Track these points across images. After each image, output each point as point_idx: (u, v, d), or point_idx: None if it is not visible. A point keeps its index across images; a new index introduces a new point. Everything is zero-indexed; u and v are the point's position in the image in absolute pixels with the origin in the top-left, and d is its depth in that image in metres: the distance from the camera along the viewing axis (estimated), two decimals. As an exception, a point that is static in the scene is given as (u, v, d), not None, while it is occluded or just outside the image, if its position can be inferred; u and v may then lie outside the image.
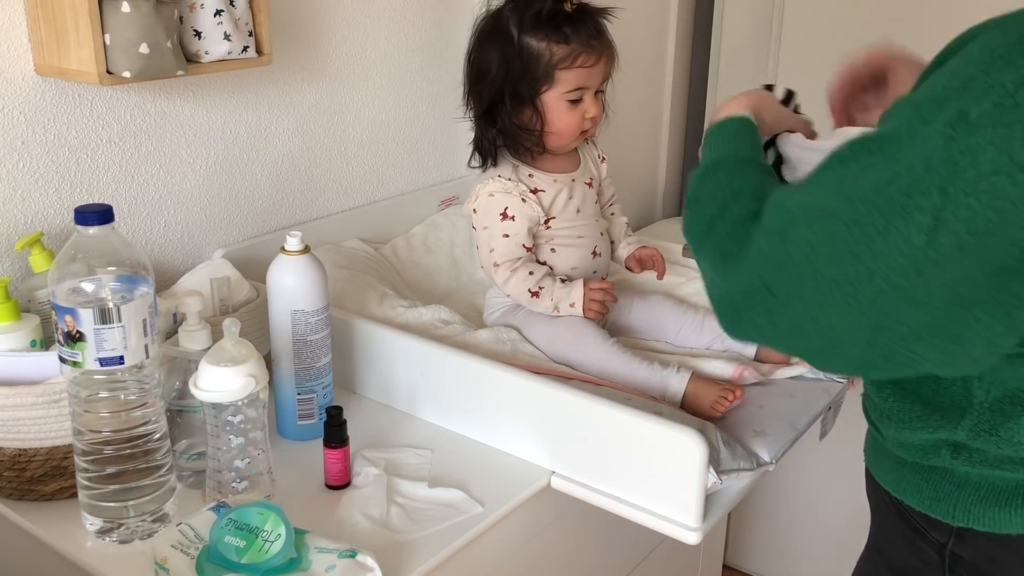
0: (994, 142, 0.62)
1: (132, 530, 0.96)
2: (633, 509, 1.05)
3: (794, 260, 0.71)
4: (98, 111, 1.23)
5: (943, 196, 0.64)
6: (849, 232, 0.68)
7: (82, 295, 0.91)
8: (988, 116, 0.63)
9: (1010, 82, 0.62)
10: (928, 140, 0.65)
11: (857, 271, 0.68)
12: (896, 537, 0.92)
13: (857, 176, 0.69)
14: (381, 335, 1.23)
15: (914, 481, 0.87)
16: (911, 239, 0.65)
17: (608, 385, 1.19)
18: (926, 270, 0.66)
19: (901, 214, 0.66)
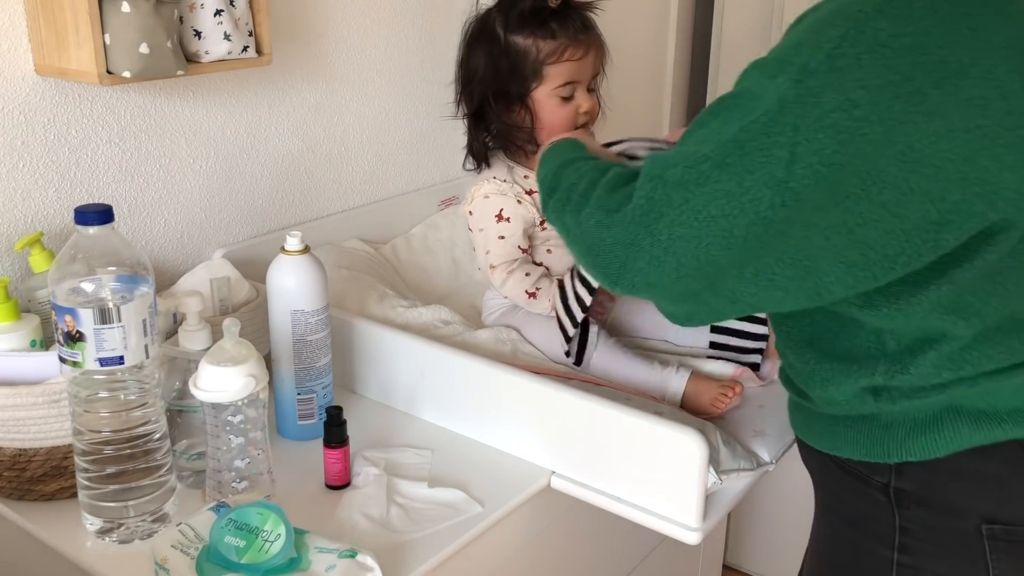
0: (831, 84, 0.74)
1: (132, 530, 0.96)
2: (633, 509, 1.05)
3: (674, 203, 0.80)
4: (98, 111, 1.23)
5: (796, 131, 0.74)
6: (721, 172, 0.77)
7: (82, 295, 0.91)
8: (823, 64, 0.74)
9: (835, 36, 0.75)
10: (778, 89, 0.76)
11: (732, 206, 0.77)
12: (843, 492, 0.98)
13: (722, 126, 0.79)
14: (381, 335, 1.23)
15: (847, 435, 0.94)
16: (774, 172, 0.75)
17: (608, 385, 1.19)
18: (788, 200, 0.75)
19: (764, 151, 0.76)
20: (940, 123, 0.73)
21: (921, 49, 0.73)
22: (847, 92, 0.73)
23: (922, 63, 0.73)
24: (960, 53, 0.73)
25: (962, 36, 0.74)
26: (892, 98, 0.73)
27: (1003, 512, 0.88)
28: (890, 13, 0.74)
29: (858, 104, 0.73)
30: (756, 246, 0.78)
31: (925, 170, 0.74)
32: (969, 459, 0.88)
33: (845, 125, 0.73)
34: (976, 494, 0.89)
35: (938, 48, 0.73)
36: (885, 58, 0.73)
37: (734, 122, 0.78)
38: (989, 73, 0.74)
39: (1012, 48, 0.75)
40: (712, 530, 1.03)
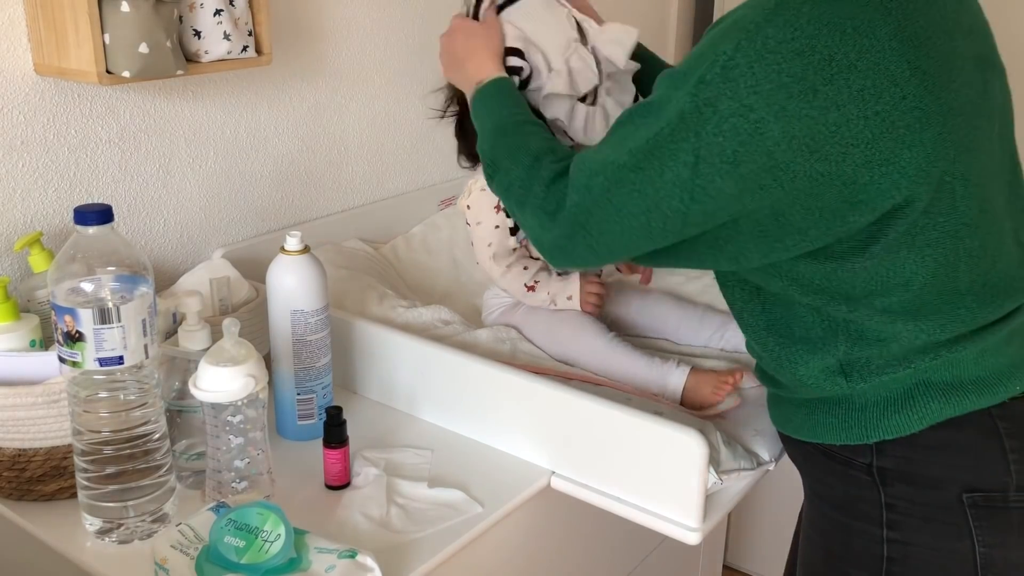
0: (726, 93, 0.82)
1: (132, 530, 0.96)
2: (633, 509, 1.05)
3: (599, 204, 0.91)
4: (98, 111, 1.23)
5: (698, 138, 0.84)
6: (635, 175, 0.88)
7: (82, 295, 0.91)
8: (718, 76, 0.83)
9: (729, 49, 0.83)
10: (680, 100, 0.85)
11: (647, 204, 0.88)
12: (828, 477, 1.01)
13: (633, 133, 0.89)
14: (381, 335, 1.23)
15: (825, 420, 0.98)
16: (680, 173, 0.85)
17: (608, 384, 1.19)
18: (697, 195, 0.85)
19: (671, 156, 0.85)
20: (837, 114, 0.81)
21: (810, 51, 0.81)
22: (741, 98, 0.82)
23: (812, 63, 0.81)
24: (847, 50, 0.81)
25: (847, 35, 0.81)
26: (786, 98, 0.81)
27: (981, 480, 0.92)
28: (778, 22, 0.82)
29: (753, 108, 0.82)
30: (676, 234, 0.89)
31: (831, 157, 0.82)
32: (943, 431, 0.92)
33: (743, 127, 0.82)
34: (953, 465, 0.92)
35: (825, 48, 0.81)
36: (775, 63, 0.81)
37: (645, 129, 0.88)
38: (878, 64, 0.81)
39: (896, 39, 0.82)
40: (712, 530, 1.03)
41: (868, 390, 0.94)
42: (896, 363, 0.92)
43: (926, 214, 0.86)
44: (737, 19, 0.86)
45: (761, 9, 0.84)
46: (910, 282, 0.88)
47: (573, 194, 0.94)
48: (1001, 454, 0.92)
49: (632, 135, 0.89)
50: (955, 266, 0.89)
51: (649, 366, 1.22)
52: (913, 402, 0.92)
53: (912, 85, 0.82)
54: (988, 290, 0.92)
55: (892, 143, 0.82)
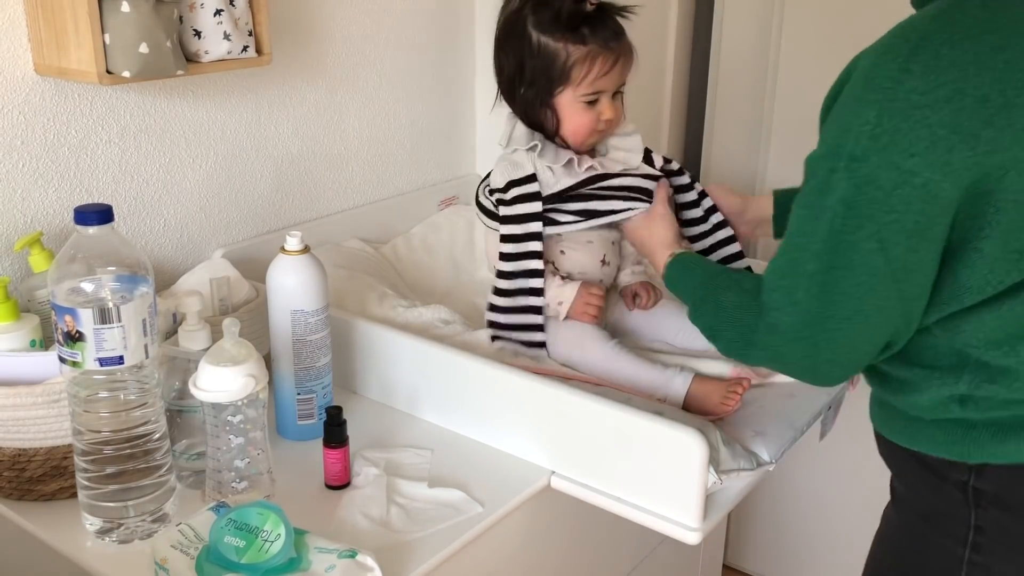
0: (882, 164, 0.78)
1: (132, 530, 0.96)
2: (633, 509, 1.05)
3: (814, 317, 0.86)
4: (98, 111, 1.23)
5: (872, 221, 0.80)
6: (829, 277, 0.84)
7: (82, 295, 0.91)
8: (868, 148, 0.79)
9: (872, 117, 0.78)
10: (837, 185, 0.81)
11: (857, 303, 0.84)
12: (919, 486, 0.98)
13: (808, 231, 0.85)
14: (381, 335, 1.23)
15: (928, 432, 0.94)
16: (872, 263, 0.82)
17: (609, 385, 1.19)
18: (899, 275, 0.82)
19: (853, 249, 0.82)
20: (1001, 157, 0.76)
21: (960, 95, 0.75)
22: (900, 165, 0.77)
23: (964, 108, 0.75)
24: (1002, 87, 0.75)
25: (999, 71, 0.76)
26: (946, 152, 0.76)
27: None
28: (917, 71, 0.76)
29: (915, 172, 0.77)
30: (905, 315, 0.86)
31: (1003, 204, 0.78)
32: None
33: (913, 195, 0.78)
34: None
35: (975, 89, 0.75)
36: (925, 118, 0.76)
37: (818, 227, 0.84)
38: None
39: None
40: (712, 530, 1.03)
41: (984, 418, 0.90)
42: (1019, 403, 0.88)
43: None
44: (871, 73, 0.80)
45: (894, 58, 0.78)
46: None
47: (784, 316, 0.89)
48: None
49: (807, 232, 0.86)
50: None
51: (651, 373, 1.22)
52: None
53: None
54: None
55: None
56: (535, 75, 1.26)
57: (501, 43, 1.30)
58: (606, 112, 1.29)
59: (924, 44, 0.77)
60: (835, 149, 0.81)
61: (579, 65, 1.25)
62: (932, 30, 0.78)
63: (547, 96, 1.27)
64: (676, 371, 1.22)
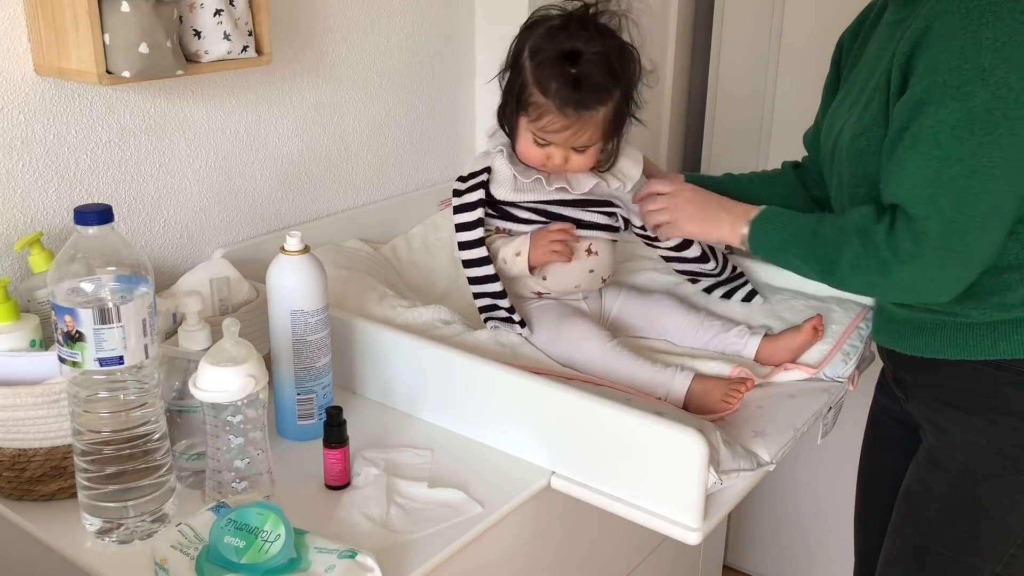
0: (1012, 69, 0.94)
1: (132, 530, 0.96)
2: (633, 509, 1.05)
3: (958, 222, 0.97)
4: (98, 111, 1.23)
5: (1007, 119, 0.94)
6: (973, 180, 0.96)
7: (82, 295, 0.91)
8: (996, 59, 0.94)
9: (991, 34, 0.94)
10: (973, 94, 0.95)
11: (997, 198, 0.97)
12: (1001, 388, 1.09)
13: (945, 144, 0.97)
14: (381, 335, 1.23)
15: (1011, 337, 1.07)
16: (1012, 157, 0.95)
17: (609, 385, 1.19)
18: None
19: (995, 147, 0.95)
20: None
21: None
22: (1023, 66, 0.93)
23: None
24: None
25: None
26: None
27: None
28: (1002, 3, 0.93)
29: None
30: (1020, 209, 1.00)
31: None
32: None
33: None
34: None
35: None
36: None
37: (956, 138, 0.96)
38: None
39: None
40: (712, 530, 1.03)
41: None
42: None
43: None
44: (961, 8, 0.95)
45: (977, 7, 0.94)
46: None
47: (929, 223, 0.99)
48: None
49: (943, 146, 0.97)
50: None
51: (652, 372, 1.22)
52: None
53: None
54: None
55: None
56: (511, 86, 1.27)
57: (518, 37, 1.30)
58: (554, 158, 1.28)
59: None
60: (957, 70, 0.95)
61: (534, 107, 1.25)
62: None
63: (513, 110, 1.28)
64: (676, 370, 1.22)
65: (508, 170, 1.30)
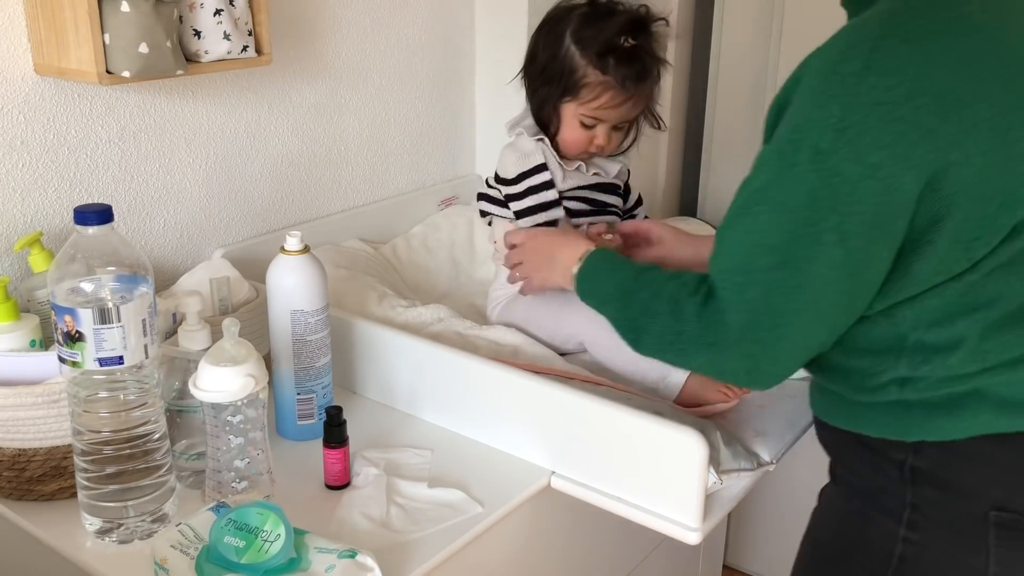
0: (848, 158, 0.80)
1: (132, 530, 0.96)
2: (633, 509, 1.05)
3: (764, 315, 0.86)
4: (98, 111, 1.23)
5: (835, 213, 0.81)
6: (786, 273, 0.84)
7: (81, 295, 0.91)
8: (835, 141, 0.80)
9: (838, 111, 0.80)
10: (802, 177, 0.82)
11: (811, 297, 0.85)
12: (859, 465, 0.99)
13: (762, 227, 0.85)
14: (381, 335, 1.23)
15: (868, 414, 0.96)
16: (832, 256, 0.82)
17: (608, 385, 1.19)
18: (857, 270, 0.83)
19: (814, 241, 0.82)
20: (958, 153, 0.79)
21: (919, 92, 0.79)
22: (866, 158, 0.79)
23: (924, 104, 0.79)
24: (954, 84, 0.79)
25: (951, 68, 0.79)
26: (909, 147, 0.79)
27: (1013, 500, 0.90)
28: (879, 68, 0.79)
29: (880, 165, 0.79)
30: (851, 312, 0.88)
31: (957, 198, 0.80)
32: (987, 444, 0.89)
33: (876, 188, 0.80)
34: (989, 480, 0.90)
35: (933, 86, 0.79)
36: (889, 114, 0.79)
37: (775, 219, 0.84)
38: (986, 97, 0.80)
39: (1002, 68, 0.81)
40: (712, 530, 1.03)
41: (921, 397, 0.92)
42: (955, 379, 0.89)
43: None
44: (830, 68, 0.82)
45: (856, 55, 0.80)
46: (998, 300, 0.87)
47: (733, 315, 0.88)
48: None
49: (761, 229, 0.85)
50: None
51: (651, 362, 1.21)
52: (963, 411, 0.89)
53: (1018, 116, 0.81)
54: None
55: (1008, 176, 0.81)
56: (554, 76, 1.30)
57: (543, 32, 1.32)
58: (599, 139, 1.33)
59: (883, 42, 0.80)
60: (796, 144, 0.83)
61: (589, 88, 1.28)
62: (889, 29, 0.82)
63: (556, 100, 1.31)
64: None
65: (554, 160, 1.34)
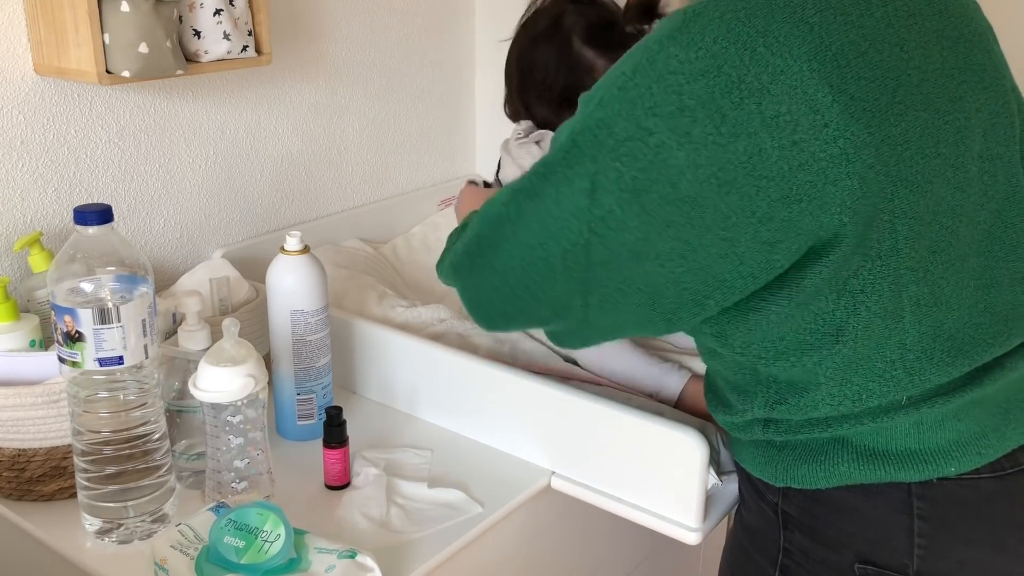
0: (622, 114, 0.75)
1: (131, 530, 0.96)
2: (633, 509, 1.05)
3: (500, 231, 0.84)
4: (97, 111, 1.23)
5: (594, 162, 0.76)
6: (532, 203, 0.81)
7: (81, 295, 0.91)
8: (615, 96, 0.75)
9: (629, 69, 0.75)
10: (573, 124, 0.79)
11: (545, 233, 0.80)
12: (748, 499, 0.97)
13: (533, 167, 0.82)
14: (381, 335, 1.23)
15: (748, 449, 0.93)
16: (577, 201, 0.77)
17: (608, 385, 1.19)
18: (597, 227, 0.77)
19: (565, 181, 0.78)
20: (747, 142, 0.72)
21: (716, 71, 0.72)
22: (639, 120, 0.74)
23: (718, 85, 0.72)
24: (758, 71, 0.72)
25: (758, 54, 0.72)
26: (690, 122, 0.72)
27: (878, 555, 0.85)
28: (682, 39, 0.74)
29: (652, 131, 0.73)
30: (583, 274, 0.80)
31: (744, 190, 0.72)
32: (850, 495, 0.85)
33: (642, 152, 0.74)
34: (853, 532, 0.86)
35: (733, 68, 0.72)
36: (677, 84, 0.73)
37: (544, 157, 0.81)
38: (794, 88, 0.72)
39: (816, 60, 0.73)
40: (712, 530, 1.03)
41: (787, 440, 0.88)
42: (811, 425, 0.85)
43: (858, 256, 0.76)
44: (644, 40, 0.78)
45: (667, 29, 0.76)
46: (841, 333, 0.79)
47: (476, 226, 0.88)
48: (907, 534, 0.84)
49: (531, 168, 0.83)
50: (898, 316, 0.78)
51: (649, 365, 1.22)
52: (825, 458, 0.85)
53: (834, 112, 0.72)
54: (940, 344, 0.80)
55: (813, 176, 0.72)
56: (568, 82, 1.24)
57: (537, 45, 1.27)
58: None
59: (696, 18, 0.75)
60: (586, 99, 0.79)
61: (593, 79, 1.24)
62: (707, 7, 0.76)
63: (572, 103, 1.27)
64: (673, 367, 1.21)
65: None
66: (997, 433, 0.84)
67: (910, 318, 0.79)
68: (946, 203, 0.79)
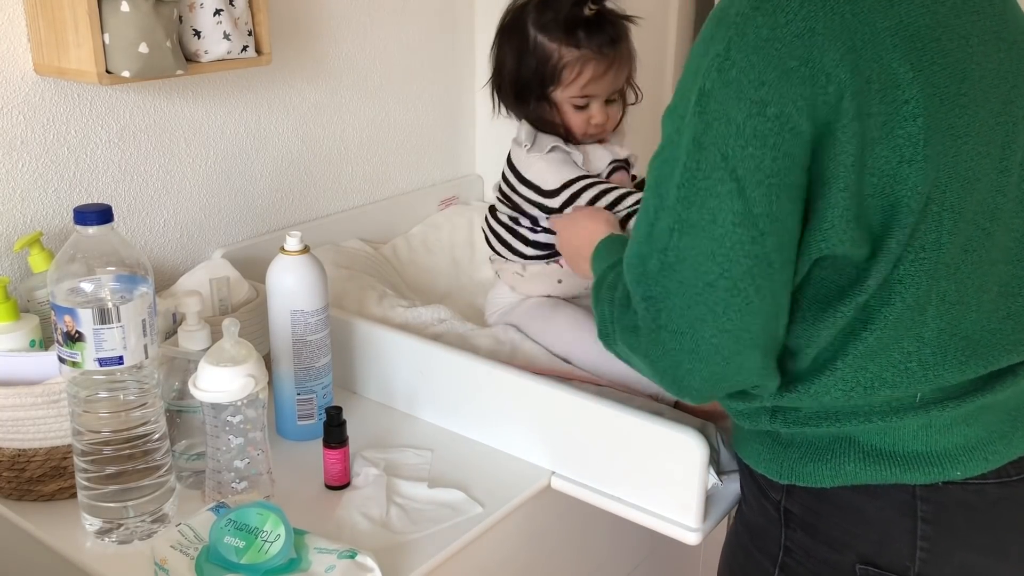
0: (731, 96, 0.71)
1: (131, 530, 0.96)
2: (633, 509, 1.05)
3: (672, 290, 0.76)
4: (97, 111, 1.23)
5: (725, 159, 0.71)
6: (689, 237, 0.74)
7: (81, 295, 0.91)
8: (717, 81, 0.72)
9: (721, 48, 0.72)
10: (688, 127, 0.73)
11: (722, 260, 0.73)
12: (750, 497, 0.96)
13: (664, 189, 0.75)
14: (381, 335, 1.23)
15: (752, 445, 0.92)
16: (734, 207, 0.71)
17: (608, 385, 1.19)
18: (763, 224, 0.72)
19: (710, 193, 0.72)
20: (850, 103, 0.71)
21: (810, 33, 0.71)
22: (751, 95, 0.71)
23: (816, 45, 0.70)
24: (850, 36, 0.71)
25: (847, 21, 0.71)
26: (799, 84, 0.70)
27: (880, 556, 0.85)
28: (767, 8, 0.72)
29: (767, 102, 0.71)
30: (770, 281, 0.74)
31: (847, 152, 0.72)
32: (855, 495, 0.85)
33: (766, 128, 0.71)
34: (856, 533, 0.86)
35: (825, 29, 0.71)
36: (776, 51, 0.71)
37: (671, 180, 0.75)
38: (880, 59, 0.71)
39: (898, 35, 0.72)
40: (712, 530, 1.03)
41: (794, 433, 0.87)
42: (821, 417, 0.84)
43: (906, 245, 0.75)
44: (718, 16, 0.75)
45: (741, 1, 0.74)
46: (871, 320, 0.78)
47: (635, 292, 0.79)
48: (910, 537, 0.83)
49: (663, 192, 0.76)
50: (923, 309, 0.78)
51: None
52: (830, 456, 0.84)
53: (915, 90, 0.72)
54: (955, 343, 0.80)
55: (889, 152, 0.72)
56: (529, 73, 1.26)
57: (503, 40, 1.29)
58: (596, 117, 1.29)
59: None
60: (684, 94, 0.75)
61: (570, 68, 1.25)
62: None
63: (540, 94, 1.27)
64: None
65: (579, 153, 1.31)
66: (1005, 440, 0.84)
67: (933, 312, 0.78)
68: (987, 205, 0.79)
